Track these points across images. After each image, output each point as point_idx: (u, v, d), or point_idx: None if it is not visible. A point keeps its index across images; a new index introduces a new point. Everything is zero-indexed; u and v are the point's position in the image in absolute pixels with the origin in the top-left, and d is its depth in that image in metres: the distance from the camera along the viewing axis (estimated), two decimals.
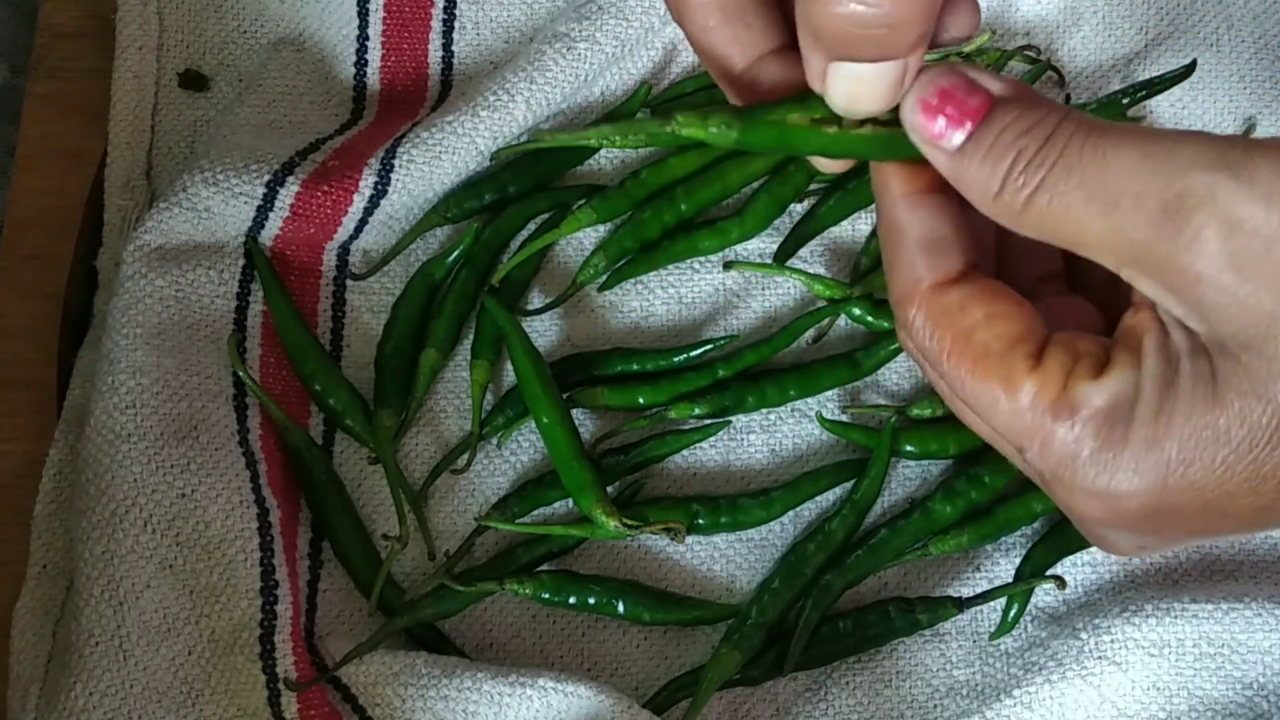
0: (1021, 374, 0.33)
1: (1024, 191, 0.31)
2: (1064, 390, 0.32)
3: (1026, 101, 0.32)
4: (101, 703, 0.49)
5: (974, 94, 0.32)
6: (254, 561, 0.52)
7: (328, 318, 0.60)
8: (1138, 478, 0.32)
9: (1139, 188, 0.30)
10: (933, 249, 0.34)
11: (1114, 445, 0.32)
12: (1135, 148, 0.30)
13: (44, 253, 0.59)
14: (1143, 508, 0.32)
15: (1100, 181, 0.30)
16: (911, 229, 0.34)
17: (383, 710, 0.52)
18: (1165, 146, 0.30)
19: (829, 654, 0.56)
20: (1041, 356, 0.33)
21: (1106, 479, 0.32)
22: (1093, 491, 0.33)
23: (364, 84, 0.63)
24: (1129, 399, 0.32)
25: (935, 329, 0.34)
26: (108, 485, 0.51)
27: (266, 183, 0.57)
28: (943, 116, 0.32)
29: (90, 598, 0.49)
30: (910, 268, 0.34)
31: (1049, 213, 0.31)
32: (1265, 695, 0.53)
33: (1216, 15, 0.65)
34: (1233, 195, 0.29)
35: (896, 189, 0.35)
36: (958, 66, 0.33)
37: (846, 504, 0.58)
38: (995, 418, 0.33)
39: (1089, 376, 0.32)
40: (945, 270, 0.34)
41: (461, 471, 0.58)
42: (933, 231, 0.34)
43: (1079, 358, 0.33)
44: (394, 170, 0.57)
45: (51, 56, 0.62)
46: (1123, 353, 0.32)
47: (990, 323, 0.33)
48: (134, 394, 0.52)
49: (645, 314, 0.61)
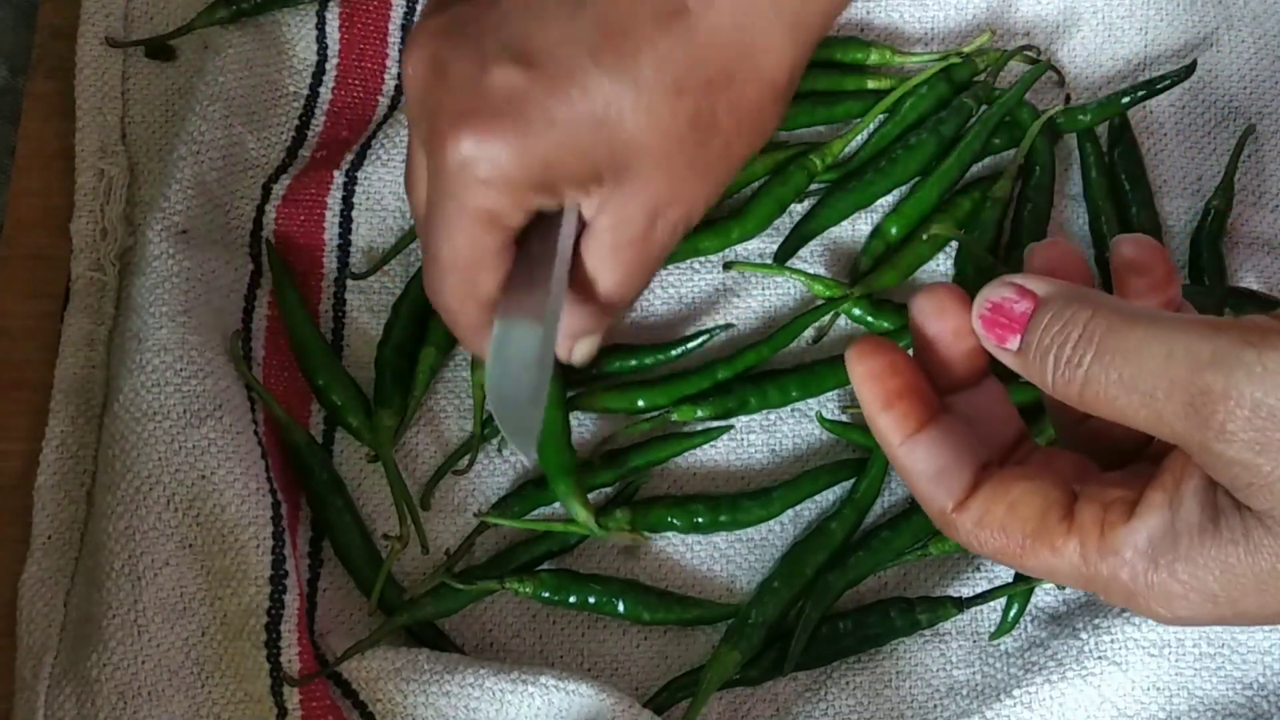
0: (1060, 535, 0.36)
1: (1073, 386, 0.35)
2: (1101, 537, 0.36)
3: (1061, 300, 0.36)
4: (114, 675, 0.50)
5: (1022, 299, 0.36)
6: (266, 549, 0.52)
7: (328, 318, 0.60)
8: (1193, 610, 0.35)
9: (1168, 382, 0.33)
10: (941, 479, 0.38)
11: (1163, 583, 0.35)
12: (1162, 345, 0.33)
13: (44, 253, 0.59)
14: (1206, 622, 0.36)
15: (1136, 377, 0.34)
16: (917, 468, 0.38)
17: (384, 706, 0.52)
18: (1188, 341, 0.33)
19: (829, 654, 0.56)
20: (1074, 515, 0.36)
21: (1165, 607, 0.36)
22: (1156, 616, 0.36)
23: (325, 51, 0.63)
24: (1168, 537, 0.35)
25: (976, 538, 0.38)
26: (133, 462, 0.52)
27: (263, 184, 0.58)
28: (998, 327, 0.37)
29: (111, 571, 0.50)
30: (934, 500, 0.38)
31: (1101, 401, 0.35)
32: (1265, 695, 0.53)
33: (1216, 15, 0.65)
34: (1252, 385, 0.32)
35: (894, 439, 0.39)
36: (1008, 278, 0.37)
37: (846, 504, 0.58)
38: (1061, 579, 0.37)
39: (1121, 521, 0.36)
40: (960, 490, 0.38)
41: (463, 472, 0.58)
42: (935, 464, 0.38)
43: (1108, 505, 0.36)
44: (369, 148, 0.59)
45: (51, 56, 0.62)
46: (1157, 494, 0.36)
47: (1014, 510, 0.37)
48: (159, 372, 0.53)
49: (645, 313, 0.61)
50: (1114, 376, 0.34)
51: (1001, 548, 0.37)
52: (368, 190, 0.60)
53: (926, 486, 0.38)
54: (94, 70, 0.61)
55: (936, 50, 0.65)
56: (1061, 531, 0.36)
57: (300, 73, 0.62)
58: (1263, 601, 0.34)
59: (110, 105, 0.61)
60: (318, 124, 0.62)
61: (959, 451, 0.38)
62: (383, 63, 0.63)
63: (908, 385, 0.39)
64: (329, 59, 0.62)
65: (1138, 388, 0.33)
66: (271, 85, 0.61)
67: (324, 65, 0.62)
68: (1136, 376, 0.33)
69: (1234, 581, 0.34)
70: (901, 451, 0.39)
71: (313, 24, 0.62)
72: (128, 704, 0.50)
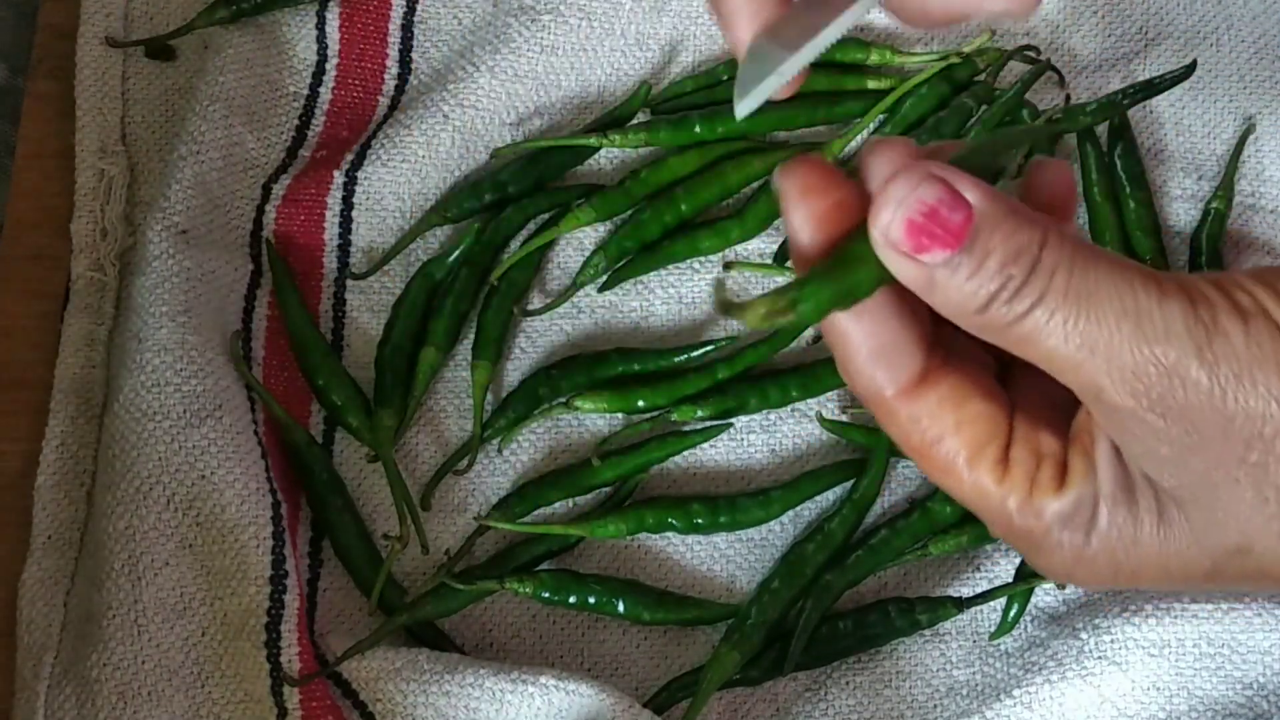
0: (992, 480, 0.34)
1: (1001, 321, 0.31)
2: (1029, 498, 0.34)
3: (1012, 219, 0.31)
4: (114, 675, 0.50)
5: (957, 209, 0.31)
6: (266, 549, 0.52)
7: (328, 318, 0.60)
8: (1093, 574, 0.35)
9: (1115, 343, 0.31)
10: (886, 359, 0.34)
11: (1075, 548, 0.34)
12: (1115, 301, 0.31)
13: (44, 253, 0.59)
14: (1098, 587, 0.37)
15: (1076, 326, 0.31)
16: (858, 340, 0.33)
17: (384, 706, 0.52)
18: (1145, 303, 0.31)
19: (829, 654, 0.56)
20: (1008, 461, 0.34)
21: (1066, 571, 0.35)
22: (1053, 574, 0.36)
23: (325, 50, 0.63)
24: (1089, 510, 0.34)
25: (908, 436, 0.35)
26: (133, 462, 0.52)
27: (263, 185, 0.58)
28: (925, 235, 0.31)
29: (111, 571, 0.50)
30: (870, 380, 0.34)
31: (1026, 338, 0.31)
32: (1265, 695, 0.53)
33: (1216, 15, 0.65)
34: (1200, 368, 0.30)
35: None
36: (934, 170, 0.31)
37: (846, 504, 0.58)
38: (973, 509, 0.35)
39: (1052, 489, 0.34)
40: (905, 376, 0.34)
41: (463, 472, 0.58)
42: (879, 340, 0.33)
43: (1040, 461, 0.34)
44: (369, 148, 0.60)
45: (51, 56, 0.62)
46: (1078, 460, 0.34)
47: (960, 429, 0.34)
48: (159, 372, 0.53)
49: (645, 314, 0.61)
50: (1056, 320, 0.31)
51: (929, 456, 0.35)
52: (368, 190, 0.60)
53: (864, 363, 0.34)
54: (94, 70, 0.61)
55: (936, 50, 0.65)
56: (995, 477, 0.34)
57: (300, 73, 0.62)
58: (1163, 576, 0.34)
59: (110, 105, 0.61)
60: (318, 124, 0.62)
61: (907, 329, 0.34)
62: (383, 63, 0.63)
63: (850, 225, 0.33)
64: (329, 59, 0.62)
65: (1074, 339, 0.31)
66: (271, 85, 0.61)
67: (324, 65, 0.62)
68: (1077, 326, 0.31)
69: (1140, 556, 0.34)
70: (842, 316, 0.33)
71: (313, 24, 0.62)
72: (128, 704, 0.50)
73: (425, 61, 0.63)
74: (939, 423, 0.34)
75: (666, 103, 0.63)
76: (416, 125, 0.60)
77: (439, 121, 0.60)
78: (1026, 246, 0.31)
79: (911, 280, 0.32)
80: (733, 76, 0.63)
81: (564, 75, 0.63)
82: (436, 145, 0.60)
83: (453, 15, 0.64)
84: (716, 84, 0.63)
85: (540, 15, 0.61)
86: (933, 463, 0.35)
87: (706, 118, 0.61)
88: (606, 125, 0.62)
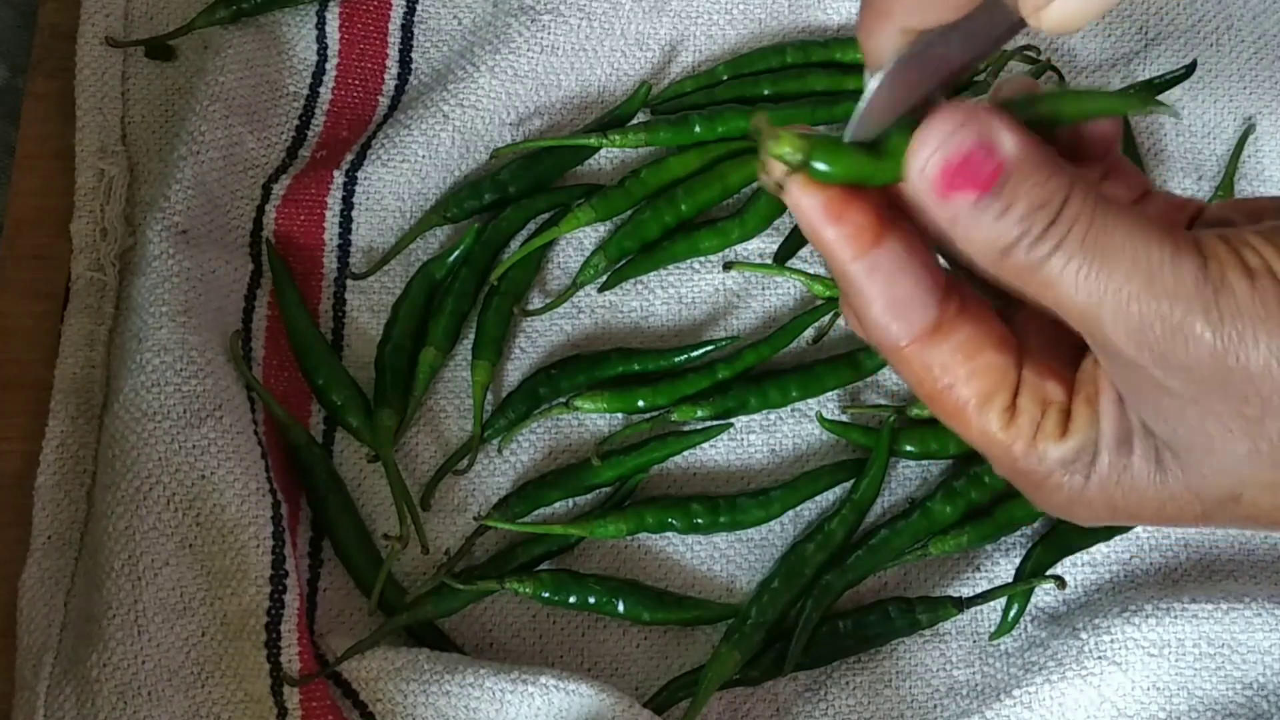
0: (1000, 427, 0.35)
1: (1022, 264, 0.33)
2: (1033, 443, 0.35)
3: (1045, 168, 0.33)
4: (114, 675, 0.50)
5: (991, 157, 0.32)
6: (266, 549, 0.52)
7: (328, 318, 0.60)
8: (1091, 513, 0.36)
9: (1125, 296, 0.32)
10: (901, 311, 0.35)
11: (1074, 490, 0.36)
12: (1130, 254, 0.32)
13: (44, 253, 0.59)
14: (1095, 524, 0.37)
15: (1089, 276, 0.32)
16: (873, 293, 0.34)
17: (384, 706, 0.52)
18: (1158, 259, 0.32)
19: (829, 654, 0.56)
20: (1015, 408, 0.35)
21: (1065, 510, 0.36)
22: (1052, 511, 0.37)
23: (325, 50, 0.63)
24: (1089, 455, 0.35)
25: (917, 382, 0.36)
26: (133, 462, 0.52)
27: (263, 184, 0.58)
28: (961, 178, 0.32)
29: (111, 571, 0.50)
30: (886, 331, 0.35)
31: (1043, 283, 0.33)
32: (1265, 695, 0.53)
33: (1216, 15, 0.65)
34: (1208, 326, 0.31)
35: (846, 255, 0.34)
36: (978, 119, 0.32)
37: (846, 504, 0.58)
38: (978, 448, 0.36)
39: (1055, 436, 0.35)
40: (920, 328, 0.35)
41: (463, 472, 0.58)
42: (894, 291, 0.34)
43: (1046, 409, 0.35)
44: (370, 148, 0.60)
45: (51, 56, 0.62)
46: (1082, 408, 0.35)
47: (972, 377, 0.35)
48: (159, 372, 0.53)
49: (645, 314, 0.61)
50: (1073, 267, 0.32)
51: (939, 402, 0.36)
52: (368, 190, 0.60)
53: (879, 315, 0.34)
54: (94, 70, 0.61)
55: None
56: (1002, 424, 0.35)
57: (300, 73, 0.62)
58: (1158, 517, 0.36)
59: (110, 105, 0.61)
60: (318, 124, 0.62)
61: (921, 282, 0.34)
62: (383, 63, 0.63)
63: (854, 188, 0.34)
64: (329, 59, 0.62)
65: (1090, 289, 0.32)
66: (271, 85, 0.61)
67: (324, 65, 0.62)
68: (1094, 277, 0.32)
69: (1139, 500, 0.35)
70: (856, 270, 0.34)
71: (313, 24, 0.62)
72: (128, 704, 0.50)
73: (425, 61, 0.63)
74: (950, 372, 0.35)
75: (666, 103, 0.63)
76: (416, 125, 0.60)
77: (439, 121, 0.60)
78: (1052, 196, 0.32)
79: (939, 214, 0.33)
80: (733, 76, 0.63)
81: (564, 75, 0.63)
82: (436, 145, 0.61)
83: (453, 15, 0.64)
84: (716, 84, 0.63)
85: (540, 15, 0.61)
86: (943, 407, 0.36)
87: (706, 118, 0.61)
88: (606, 125, 0.62)
